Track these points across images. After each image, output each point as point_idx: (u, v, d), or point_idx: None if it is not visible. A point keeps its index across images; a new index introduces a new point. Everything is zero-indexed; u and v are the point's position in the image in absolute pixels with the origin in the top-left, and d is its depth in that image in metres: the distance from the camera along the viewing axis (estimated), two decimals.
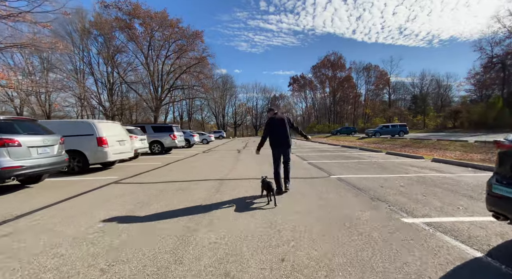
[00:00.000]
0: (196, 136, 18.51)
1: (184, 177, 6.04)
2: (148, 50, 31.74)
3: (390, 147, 15.19)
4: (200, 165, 8.53)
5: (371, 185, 4.92)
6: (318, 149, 14.79)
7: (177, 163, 9.02)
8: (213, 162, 9.27)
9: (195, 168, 7.65)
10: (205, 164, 8.75)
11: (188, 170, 7.35)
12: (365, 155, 10.74)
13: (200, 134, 24.15)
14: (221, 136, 38.31)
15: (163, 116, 55.27)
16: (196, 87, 34.70)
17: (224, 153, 13.72)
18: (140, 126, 12.25)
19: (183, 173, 6.66)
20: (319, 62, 66.01)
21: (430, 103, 53.86)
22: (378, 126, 26.80)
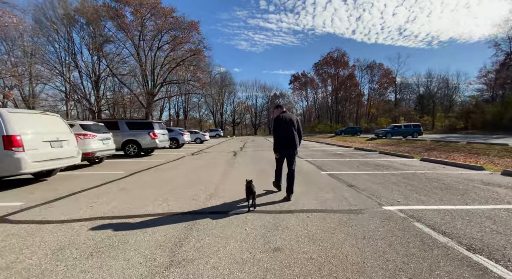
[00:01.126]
0: (186, 135, 16.06)
1: (134, 206, 3.61)
2: (139, 41, 29.16)
3: (412, 150, 12.82)
4: (177, 175, 6.09)
5: (491, 240, 2.47)
6: (330, 152, 12.37)
7: (146, 172, 6.57)
8: (197, 170, 6.85)
9: (166, 183, 5.20)
10: (186, 173, 6.33)
11: (154, 186, 4.90)
12: (396, 162, 8.33)
13: (192, 133, 21.68)
14: (218, 135, 35.84)
15: (157, 113, 52.78)
16: (192, 82, 32.17)
17: (216, 155, 11.30)
18: (109, 122, 9.80)
19: (140, 196, 4.19)
20: (322, 60, 63.60)
21: (437, 103, 51.62)
22: (389, 127, 24.45)
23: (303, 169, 6.97)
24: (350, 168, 7.03)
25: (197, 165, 7.86)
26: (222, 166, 7.55)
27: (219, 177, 5.76)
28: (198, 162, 8.67)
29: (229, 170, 6.76)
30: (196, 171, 6.72)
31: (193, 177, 5.84)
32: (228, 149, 15.48)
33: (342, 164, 7.98)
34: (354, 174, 6.04)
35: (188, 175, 6.13)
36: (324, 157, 10.26)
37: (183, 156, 11.06)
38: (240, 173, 6.33)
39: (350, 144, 19.37)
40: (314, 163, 8.24)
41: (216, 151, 14.02)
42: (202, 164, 8.24)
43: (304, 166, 7.47)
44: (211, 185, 4.92)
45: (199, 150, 14.64)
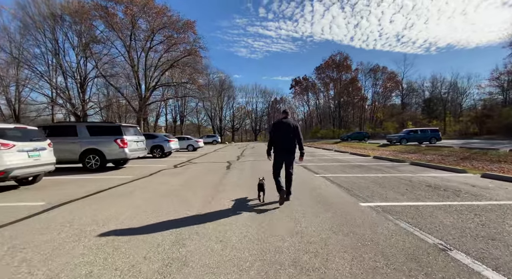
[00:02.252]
0: (173, 142, 13.68)
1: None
2: (130, 41, 27.15)
3: (444, 160, 10.38)
4: (131, 207, 3.69)
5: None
6: (348, 163, 9.94)
7: (81, 203, 4.16)
8: (167, 195, 4.46)
9: (90, 233, 2.79)
10: (145, 204, 3.92)
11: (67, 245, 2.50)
12: (451, 181, 5.90)
13: (183, 139, 19.31)
14: (215, 142, 33.44)
15: (153, 119, 50.59)
16: (188, 85, 30.02)
17: (205, 168, 8.91)
18: (64, 127, 7.51)
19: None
20: (324, 63, 61.75)
21: (446, 108, 49.38)
22: (404, 131, 22.07)
23: (325, 194, 4.57)
24: (398, 193, 4.60)
25: (169, 187, 5.44)
26: (206, 190, 5.14)
27: (195, 211, 3.38)
28: (175, 181, 6.25)
29: (214, 196, 4.38)
30: (161, 200, 4.31)
31: (155, 213, 3.44)
32: (222, 158, 13.08)
33: (379, 184, 5.55)
34: (420, 209, 3.61)
35: (151, 206, 3.73)
36: (344, 170, 7.83)
37: (163, 169, 8.65)
38: (230, 199, 3.94)
39: (362, 151, 16.97)
40: (338, 182, 5.81)
41: (207, 161, 11.62)
42: (177, 184, 5.83)
43: (325, 189, 5.06)
44: (166, 243, 2.52)
45: (188, 160, 12.23)
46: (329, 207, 3.75)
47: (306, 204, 3.91)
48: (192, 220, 3.22)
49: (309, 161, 10.69)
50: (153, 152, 13.02)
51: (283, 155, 4.16)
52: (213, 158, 13.10)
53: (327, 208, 3.70)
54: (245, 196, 4.48)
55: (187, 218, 3.29)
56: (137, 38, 28.59)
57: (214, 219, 3.23)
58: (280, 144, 4.12)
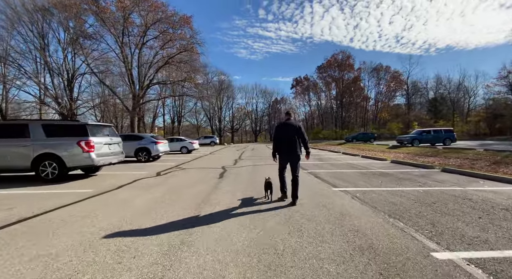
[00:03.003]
0: (162, 144, 12.02)
1: None
2: (123, 36, 25.54)
3: (474, 165, 8.76)
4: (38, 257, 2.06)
5: None
6: (367, 170, 8.28)
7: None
8: (111, 235, 2.84)
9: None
10: (53, 261, 2.30)
11: None
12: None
13: (176, 141, 17.66)
14: (212, 143, 31.75)
15: (150, 119, 48.96)
16: (183, 83, 28.38)
17: (193, 176, 7.27)
18: (12, 125, 5.89)
19: None
20: (325, 62, 60.20)
21: (452, 107, 47.79)
22: (415, 132, 20.41)
23: (363, 229, 2.88)
24: (477, 227, 2.91)
25: (128, 213, 3.79)
26: (178, 214, 3.50)
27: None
28: (144, 198, 4.61)
29: (191, 235, 2.75)
30: (98, 243, 2.67)
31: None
32: (217, 162, 11.43)
33: (430, 206, 3.87)
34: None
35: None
36: (367, 181, 6.16)
37: (140, 178, 7.00)
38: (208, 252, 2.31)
39: (373, 153, 15.33)
40: (370, 202, 4.14)
41: (199, 166, 9.97)
42: (144, 204, 4.17)
43: (358, 215, 3.39)
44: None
45: (177, 164, 10.58)
46: (388, 265, 2.09)
47: (342, 256, 2.25)
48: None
49: (318, 167, 9.04)
50: (138, 155, 11.38)
51: (287, 157, 4.14)
52: (206, 162, 11.44)
53: (386, 269, 2.04)
54: (238, 226, 2.84)
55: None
56: (131, 34, 27.07)
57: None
58: (284, 146, 4.10)
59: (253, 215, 3.46)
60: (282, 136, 4.08)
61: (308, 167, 9.01)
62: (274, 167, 5.13)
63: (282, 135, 4.09)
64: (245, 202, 4.18)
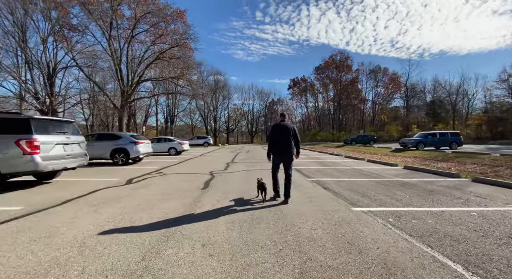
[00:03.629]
0: (143, 145, 10.50)
1: None
2: (111, 29, 23.89)
3: (495, 172, 7.51)
4: None
5: None
6: (384, 178, 6.94)
7: None
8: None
9: None
10: None
11: None
12: None
13: (163, 141, 16.13)
14: (206, 144, 30.18)
15: (142, 119, 47.12)
16: (175, 81, 26.86)
17: (173, 185, 5.82)
18: None
19: None
20: (323, 63, 59.27)
21: (451, 110, 47.22)
22: (419, 135, 19.29)
23: None
24: None
25: (49, 251, 2.36)
26: (122, 258, 2.07)
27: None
28: (87, 221, 3.18)
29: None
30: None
31: None
32: (207, 166, 9.98)
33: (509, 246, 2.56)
34: None
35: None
36: (392, 196, 4.79)
37: (104, 187, 5.53)
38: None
39: (379, 157, 14.10)
40: (419, 236, 2.77)
41: (183, 171, 8.50)
42: (71, 239, 2.74)
43: (414, 270, 2.03)
44: None
45: (158, 169, 9.10)
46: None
47: None
48: None
49: (322, 173, 7.68)
50: (115, 157, 9.86)
51: (282, 157, 4.29)
52: (194, 166, 9.99)
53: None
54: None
55: None
56: (120, 27, 25.46)
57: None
58: (279, 146, 4.25)
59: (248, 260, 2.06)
60: (278, 137, 4.24)
61: (311, 173, 7.65)
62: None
63: (277, 136, 4.24)
64: (232, 234, 2.78)
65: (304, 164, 10.64)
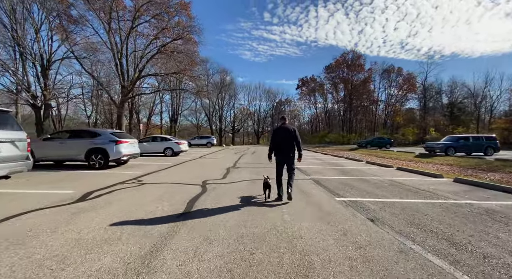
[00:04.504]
0: (126, 144, 8.68)
1: None
2: (111, 20, 22.39)
3: None
4: None
5: None
6: (450, 202, 4.90)
7: None
8: None
9: None
10: None
11: None
12: None
13: (158, 140, 14.37)
14: (209, 144, 28.39)
15: (145, 117, 45.82)
16: (178, 76, 25.22)
17: (139, 208, 3.92)
18: None
19: None
20: (334, 62, 56.85)
21: (469, 113, 44.12)
22: (449, 138, 16.95)
23: None
24: None
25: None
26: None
27: None
28: None
29: None
30: None
31: None
32: (202, 171, 8.11)
33: None
34: None
35: None
36: (490, 239, 2.78)
37: (40, 207, 3.72)
38: None
39: (407, 164, 11.99)
40: None
41: (170, 179, 6.63)
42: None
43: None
44: None
45: (140, 175, 7.27)
46: None
47: None
48: None
49: (354, 189, 5.65)
50: (91, 159, 8.10)
51: (284, 157, 4.53)
52: (187, 172, 8.12)
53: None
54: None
55: None
56: (121, 19, 24.01)
57: None
58: (281, 147, 4.50)
59: None
60: (279, 139, 4.49)
61: (337, 188, 5.65)
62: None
63: (278, 138, 4.50)
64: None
65: (321, 172, 8.64)
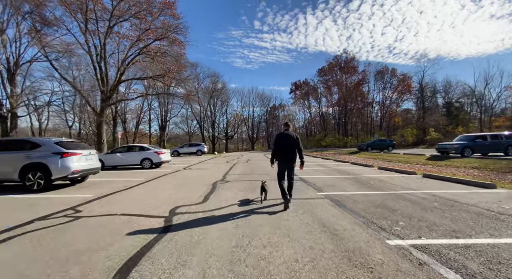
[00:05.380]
0: (77, 157, 6.56)
1: None
2: (86, 21, 20.40)
3: None
4: None
5: None
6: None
7: None
8: None
9: None
10: None
11: None
12: None
13: (135, 150, 12.21)
14: (199, 152, 26.16)
15: (133, 126, 43.35)
16: (162, 79, 23.18)
17: None
18: None
19: None
20: (327, 65, 55.94)
21: (481, 110, 43.42)
22: (463, 138, 15.35)
23: None
24: None
25: None
26: None
27: None
28: None
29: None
30: None
31: None
32: (179, 190, 6.04)
33: None
34: None
35: None
36: None
37: None
38: None
39: (424, 168, 10.22)
40: None
41: (131, 206, 4.56)
42: None
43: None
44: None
45: (84, 202, 5.18)
46: None
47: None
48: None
49: (396, 214, 3.67)
50: (28, 179, 5.95)
51: (286, 164, 4.51)
52: (155, 192, 6.04)
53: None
54: None
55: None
56: (100, 18, 22.03)
57: None
58: (283, 154, 4.48)
59: None
60: (282, 145, 4.47)
61: (372, 214, 3.68)
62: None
63: (281, 144, 4.47)
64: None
65: (334, 184, 6.70)
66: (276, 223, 3.46)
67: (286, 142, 4.42)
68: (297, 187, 6.40)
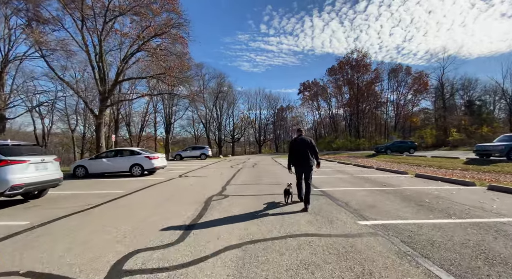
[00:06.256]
0: (27, 164, 4.90)
1: None
2: (83, 18, 19.19)
3: None
4: None
5: None
6: None
7: None
8: None
9: None
10: None
11: None
12: None
13: (124, 155, 10.55)
14: (203, 155, 24.46)
15: (137, 129, 42.29)
16: (164, 77, 21.74)
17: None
18: None
19: None
20: (337, 64, 53.69)
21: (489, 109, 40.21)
22: (505, 138, 13.03)
23: None
24: None
25: None
26: None
27: None
28: None
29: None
30: None
31: None
32: (158, 210, 4.25)
33: None
34: None
35: None
36: None
37: None
38: None
39: (476, 176, 8.10)
40: None
41: (61, 249, 2.81)
42: None
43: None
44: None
45: (13, 233, 3.45)
46: None
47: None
48: None
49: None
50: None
51: (302, 168, 4.62)
52: (131, 212, 4.27)
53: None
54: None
55: None
56: (98, 15, 20.87)
57: None
58: (299, 159, 4.59)
59: None
60: (297, 150, 4.60)
61: (453, 265, 1.76)
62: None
63: (296, 149, 4.61)
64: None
65: (373, 201, 4.74)
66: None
67: (302, 147, 4.54)
68: (323, 207, 4.50)
